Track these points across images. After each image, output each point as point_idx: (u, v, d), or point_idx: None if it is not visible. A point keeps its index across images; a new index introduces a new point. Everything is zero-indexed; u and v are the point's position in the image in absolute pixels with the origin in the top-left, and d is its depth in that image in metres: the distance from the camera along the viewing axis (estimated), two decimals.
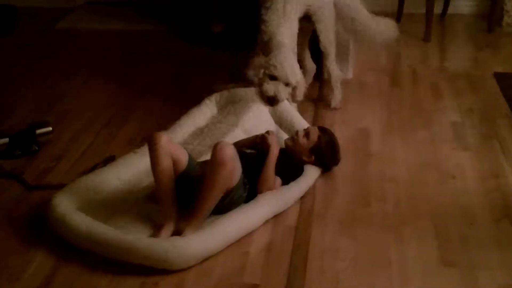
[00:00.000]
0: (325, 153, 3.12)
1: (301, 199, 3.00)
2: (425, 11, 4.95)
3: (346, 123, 3.73)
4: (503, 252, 2.65)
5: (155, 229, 2.70)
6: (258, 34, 3.42)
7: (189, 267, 2.54)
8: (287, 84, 3.24)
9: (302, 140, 3.09)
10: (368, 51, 4.56)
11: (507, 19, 5.17)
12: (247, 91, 3.55)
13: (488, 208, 2.94)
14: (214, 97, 3.60)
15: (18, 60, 4.73)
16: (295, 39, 3.44)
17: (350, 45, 4.20)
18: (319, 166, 3.14)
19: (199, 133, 3.38)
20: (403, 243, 2.71)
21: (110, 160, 3.25)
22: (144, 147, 3.08)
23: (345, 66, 4.21)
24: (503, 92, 4.06)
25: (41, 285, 2.50)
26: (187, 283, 2.50)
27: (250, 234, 2.74)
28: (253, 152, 3.01)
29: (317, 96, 4.02)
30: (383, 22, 3.90)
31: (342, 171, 3.23)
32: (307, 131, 3.12)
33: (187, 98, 3.80)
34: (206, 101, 3.58)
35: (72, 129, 3.68)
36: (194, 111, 3.52)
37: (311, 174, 3.10)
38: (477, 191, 3.07)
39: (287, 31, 3.36)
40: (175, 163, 2.77)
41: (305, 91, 3.47)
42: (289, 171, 3.02)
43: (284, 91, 3.26)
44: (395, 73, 4.45)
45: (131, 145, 3.41)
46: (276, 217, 2.88)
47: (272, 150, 2.95)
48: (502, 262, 2.60)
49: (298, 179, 3.03)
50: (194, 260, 2.55)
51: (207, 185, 2.66)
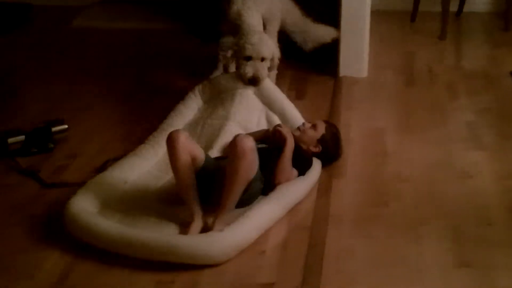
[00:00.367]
0: (331, 144, 3.17)
1: (316, 199, 2.99)
2: (440, 10, 4.92)
3: (362, 122, 3.71)
4: None
5: (181, 226, 2.71)
6: (224, 16, 3.54)
7: (204, 266, 2.54)
8: (262, 59, 3.28)
9: (309, 131, 3.13)
10: (384, 50, 4.54)
11: None
12: (228, 78, 3.54)
13: (505, 208, 2.91)
14: (197, 89, 3.59)
15: (33, 58, 4.76)
16: (261, 22, 3.56)
17: (366, 44, 4.19)
18: (322, 158, 3.17)
19: (192, 132, 3.30)
20: (419, 243, 2.69)
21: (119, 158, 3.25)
22: (141, 146, 3.25)
23: (360, 65, 4.21)
24: None
25: (56, 283, 2.50)
26: (203, 281, 2.49)
27: (265, 234, 2.73)
28: (264, 146, 3.02)
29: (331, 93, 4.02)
30: (322, 28, 4.06)
31: (358, 171, 3.22)
32: (314, 123, 3.17)
33: None
34: (191, 95, 3.58)
35: (87, 126, 3.69)
36: (180, 107, 3.52)
37: (319, 164, 3.16)
38: (494, 191, 3.04)
39: (253, 11, 3.48)
40: (193, 160, 2.79)
41: (278, 62, 3.51)
42: (301, 162, 3.05)
43: (263, 68, 3.31)
44: (410, 72, 4.42)
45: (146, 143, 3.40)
46: (291, 217, 2.88)
47: (289, 141, 2.99)
48: None
49: (310, 169, 3.08)
50: (234, 252, 2.59)
51: (230, 178, 2.70)
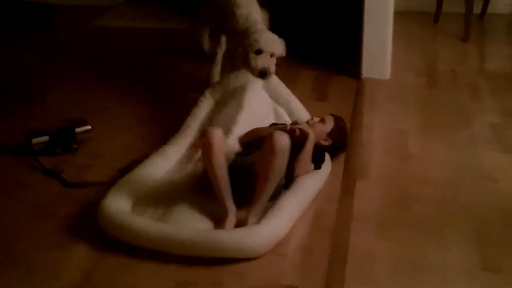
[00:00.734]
0: (339, 138, 3.23)
1: (339, 201, 2.98)
2: (463, 11, 4.89)
3: (384, 124, 3.70)
4: None
5: (216, 221, 2.75)
6: (229, 19, 3.58)
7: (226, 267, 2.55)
8: (271, 55, 3.37)
9: (318, 125, 3.18)
10: (406, 52, 4.51)
11: None
12: (237, 75, 3.63)
13: None
14: (207, 92, 3.66)
15: (56, 58, 4.79)
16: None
17: (389, 46, 4.17)
18: (330, 151, 3.21)
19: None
20: (443, 246, 2.67)
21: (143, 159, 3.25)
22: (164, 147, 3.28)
23: (383, 66, 4.19)
24: None
25: (80, 281, 2.51)
26: (225, 283, 2.49)
27: (287, 236, 2.72)
28: None
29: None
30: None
31: (381, 173, 3.21)
32: (322, 118, 3.22)
33: None
34: (202, 98, 3.65)
35: (110, 127, 3.70)
36: (195, 111, 3.58)
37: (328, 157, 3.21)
38: None
39: (257, 10, 3.61)
40: (225, 156, 2.84)
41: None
42: (316, 155, 3.09)
43: (272, 63, 3.39)
44: (433, 73, 4.40)
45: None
46: (313, 219, 2.88)
47: (311, 136, 3.05)
48: None
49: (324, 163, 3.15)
50: (274, 243, 2.64)
51: (266, 173, 2.76)
